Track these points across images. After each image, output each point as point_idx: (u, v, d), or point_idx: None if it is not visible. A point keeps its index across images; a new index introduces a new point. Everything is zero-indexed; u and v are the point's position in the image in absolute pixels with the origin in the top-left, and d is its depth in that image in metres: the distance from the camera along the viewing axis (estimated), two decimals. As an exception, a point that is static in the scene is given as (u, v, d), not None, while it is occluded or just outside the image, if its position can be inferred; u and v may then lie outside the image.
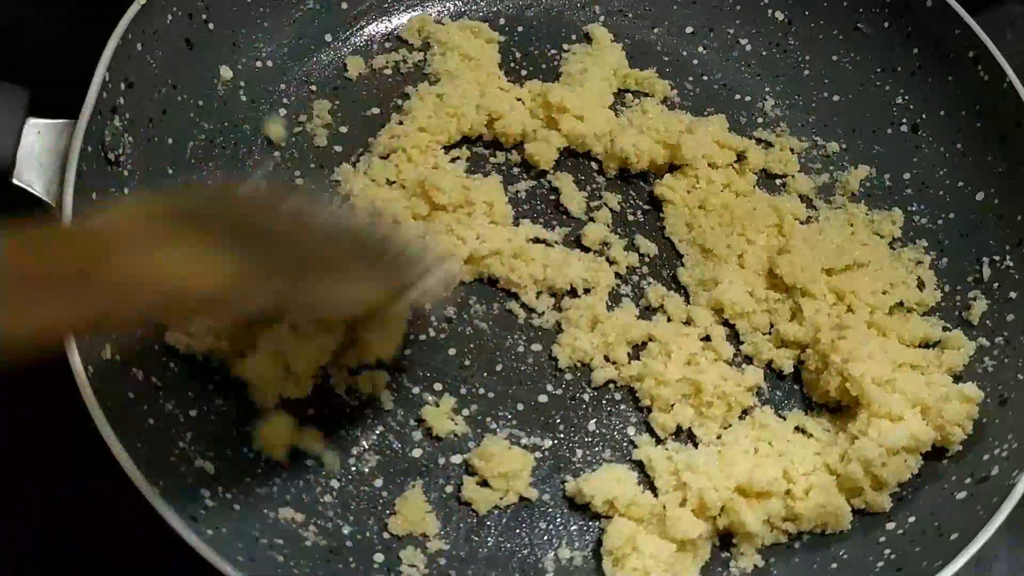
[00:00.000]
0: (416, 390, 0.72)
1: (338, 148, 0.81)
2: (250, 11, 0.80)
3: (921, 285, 0.79)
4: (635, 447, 0.72)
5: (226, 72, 0.79)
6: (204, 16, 0.77)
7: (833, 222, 0.81)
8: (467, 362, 0.74)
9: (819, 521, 0.68)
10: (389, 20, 0.87)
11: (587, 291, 0.77)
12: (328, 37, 0.85)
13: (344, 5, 0.85)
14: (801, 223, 0.81)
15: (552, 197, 0.81)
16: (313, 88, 0.83)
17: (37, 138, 0.65)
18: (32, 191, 0.65)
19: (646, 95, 0.87)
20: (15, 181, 0.65)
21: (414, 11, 0.88)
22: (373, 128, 0.82)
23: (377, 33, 0.86)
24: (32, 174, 0.65)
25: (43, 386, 0.65)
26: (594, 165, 0.83)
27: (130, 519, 0.60)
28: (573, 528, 0.69)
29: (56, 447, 0.72)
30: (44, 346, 0.50)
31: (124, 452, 0.59)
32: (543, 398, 0.74)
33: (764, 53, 0.89)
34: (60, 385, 0.60)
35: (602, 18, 0.90)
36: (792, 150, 0.85)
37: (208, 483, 0.64)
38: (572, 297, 0.76)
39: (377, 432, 0.71)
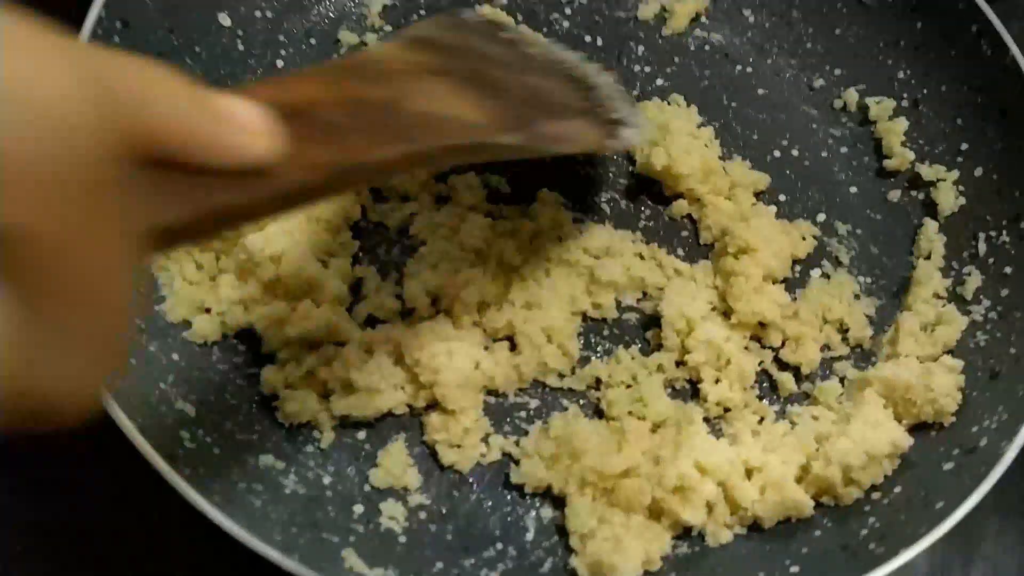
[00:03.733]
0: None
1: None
2: (251, -43, 0.80)
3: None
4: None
5: (224, 19, 0.78)
6: (204, -39, 0.76)
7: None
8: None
9: (781, 516, 0.67)
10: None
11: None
12: (328, -10, 0.84)
13: (345, -42, 0.85)
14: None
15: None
16: (313, 42, 0.82)
17: (29, 71, 0.64)
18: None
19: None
20: (5, 113, 0.64)
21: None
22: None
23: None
24: (22, 107, 0.64)
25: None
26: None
27: (111, 457, 0.61)
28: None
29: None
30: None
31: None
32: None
33: (767, 25, 0.88)
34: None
35: (604, -14, 0.89)
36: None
37: (188, 425, 0.64)
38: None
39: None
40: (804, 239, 0.79)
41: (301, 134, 0.43)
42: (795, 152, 0.84)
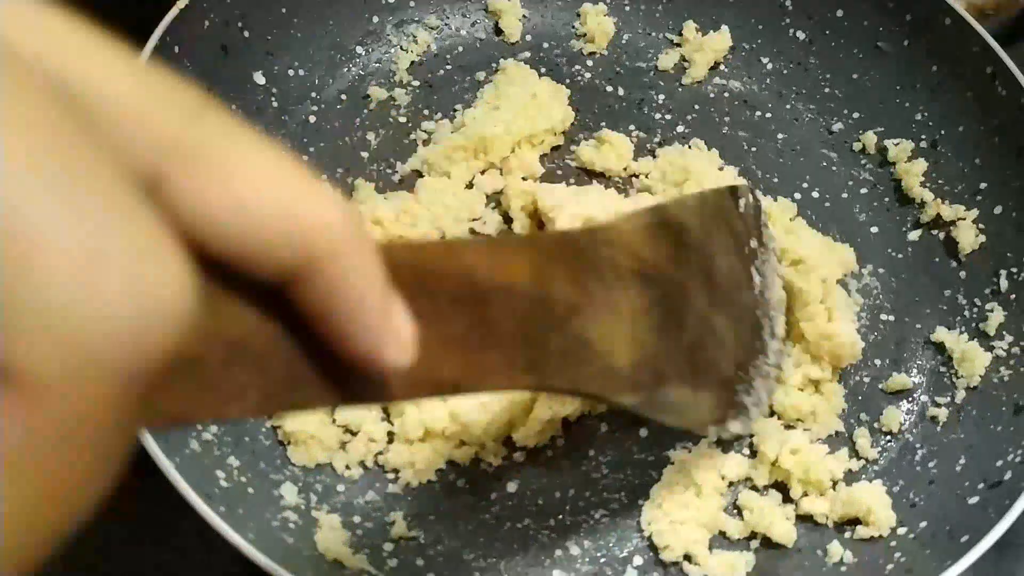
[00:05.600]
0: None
1: (364, 154, 0.83)
2: (285, 20, 0.83)
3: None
4: None
5: (259, 78, 0.82)
6: (240, 24, 0.80)
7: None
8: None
9: None
10: (415, 34, 0.89)
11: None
12: (360, 50, 0.88)
13: (375, 18, 0.88)
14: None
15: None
16: (343, 98, 0.86)
17: (75, 129, 0.68)
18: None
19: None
20: (53, 169, 0.67)
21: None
22: (400, 140, 0.84)
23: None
24: (69, 163, 0.67)
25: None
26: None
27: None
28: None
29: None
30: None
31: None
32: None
33: (786, 72, 0.90)
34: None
35: (626, 37, 0.92)
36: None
37: (224, 467, 0.66)
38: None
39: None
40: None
41: (433, 342, 0.36)
42: (815, 194, 0.85)
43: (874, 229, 0.84)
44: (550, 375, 0.47)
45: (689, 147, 0.85)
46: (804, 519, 0.70)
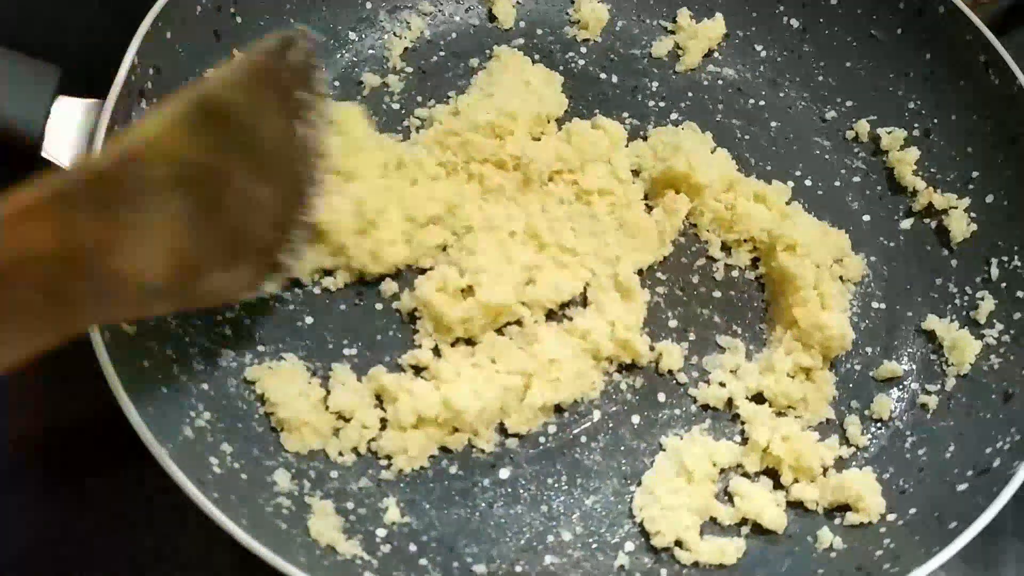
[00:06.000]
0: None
1: (357, 142, 0.83)
2: (277, 6, 0.83)
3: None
4: None
5: (251, 64, 0.81)
6: (232, 10, 0.79)
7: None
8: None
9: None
10: (408, 20, 0.89)
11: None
12: (353, 36, 0.87)
13: (368, 4, 0.88)
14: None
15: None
16: (337, 84, 0.86)
17: (66, 115, 0.68)
18: (59, 164, 0.67)
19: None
20: (44, 154, 0.67)
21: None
22: (394, 127, 0.84)
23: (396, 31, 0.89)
24: (60, 149, 0.67)
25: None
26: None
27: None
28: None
29: (74, 416, 0.74)
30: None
31: (136, 414, 0.60)
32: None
33: (779, 60, 0.90)
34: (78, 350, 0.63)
35: (619, 24, 0.92)
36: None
37: (217, 453, 0.66)
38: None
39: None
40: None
41: None
42: (808, 182, 0.85)
43: (866, 217, 0.84)
44: (79, 321, 0.53)
45: (683, 129, 0.85)
46: (795, 505, 0.71)
